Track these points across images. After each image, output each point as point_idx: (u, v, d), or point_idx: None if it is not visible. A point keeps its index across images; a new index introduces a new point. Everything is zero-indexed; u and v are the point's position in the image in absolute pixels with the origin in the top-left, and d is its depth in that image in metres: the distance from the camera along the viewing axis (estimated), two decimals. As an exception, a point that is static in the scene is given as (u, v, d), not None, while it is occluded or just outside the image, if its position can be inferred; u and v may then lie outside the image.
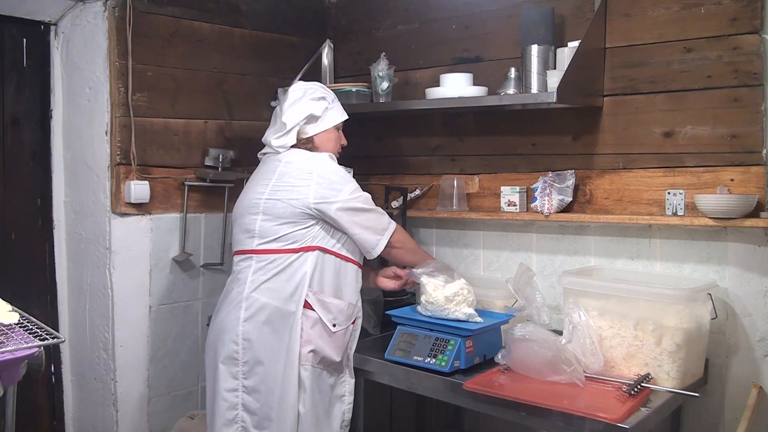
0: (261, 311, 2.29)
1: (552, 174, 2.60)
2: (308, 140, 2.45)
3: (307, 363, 2.28)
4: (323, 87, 2.53)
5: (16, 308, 1.88)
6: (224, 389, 2.29)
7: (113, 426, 2.74)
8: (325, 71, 3.30)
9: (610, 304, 2.18)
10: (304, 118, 2.41)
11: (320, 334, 2.30)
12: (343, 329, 2.35)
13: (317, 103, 2.44)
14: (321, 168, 2.35)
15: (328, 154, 2.44)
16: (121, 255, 2.70)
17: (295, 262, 2.30)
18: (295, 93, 2.46)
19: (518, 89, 2.57)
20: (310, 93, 2.45)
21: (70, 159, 2.83)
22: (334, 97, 2.52)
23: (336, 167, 2.40)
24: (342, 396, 2.39)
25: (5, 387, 1.68)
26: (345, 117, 2.54)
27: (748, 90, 2.22)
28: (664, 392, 2.04)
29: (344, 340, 2.37)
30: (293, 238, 2.31)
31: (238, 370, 2.29)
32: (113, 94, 2.66)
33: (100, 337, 2.76)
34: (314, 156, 2.40)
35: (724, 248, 2.31)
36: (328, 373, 2.34)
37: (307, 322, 2.29)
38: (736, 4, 2.22)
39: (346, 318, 2.36)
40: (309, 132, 2.44)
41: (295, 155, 2.40)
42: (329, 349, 2.32)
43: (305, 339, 2.28)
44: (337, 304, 2.33)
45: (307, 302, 2.29)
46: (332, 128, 2.49)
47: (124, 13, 2.64)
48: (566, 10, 2.61)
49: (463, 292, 2.30)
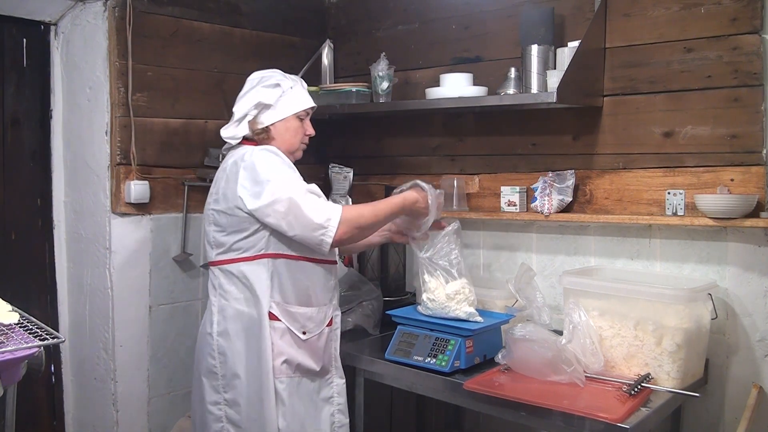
0: (231, 323, 2.21)
1: (552, 174, 2.60)
2: (263, 131, 2.27)
3: (282, 375, 2.18)
4: (284, 74, 2.32)
5: (16, 308, 1.87)
6: (209, 402, 2.26)
7: (113, 426, 2.74)
8: (325, 71, 3.29)
9: (611, 304, 2.18)
10: (252, 107, 2.24)
11: (291, 343, 2.19)
12: (315, 335, 2.23)
13: (270, 91, 2.26)
14: (247, 165, 2.13)
15: (268, 148, 2.20)
16: (121, 255, 2.70)
17: (251, 272, 2.17)
18: (249, 81, 2.31)
19: (518, 89, 2.57)
20: (265, 80, 2.28)
21: (70, 159, 2.83)
22: (294, 84, 2.32)
23: (266, 160, 2.14)
24: (330, 398, 2.30)
25: (5, 387, 1.68)
26: (307, 105, 2.32)
27: (748, 90, 2.22)
28: (665, 392, 2.04)
29: (319, 344, 2.25)
30: (243, 246, 2.17)
31: (219, 384, 2.23)
32: (113, 94, 2.65)
33: (100, 337, 2.76)
34: (247, 150, 2.18)
35: (724, 248, 2.31)
36: (309, 379, 2.25)
37: (276, 333, 2.18)
38: (736, 4, 2.22)
39: (318, 323, 2.24)
40: (264, 121, 2.26)
41: (236, 154, 2.21)
42: (303, 357, 2.21)
43: (276, 351, 2.17)
44: (303, 311, 2.21)
45: (271, 314, 2.17)
46: (291, 117, 2.29)
47: (124, 13, 2.64)
48: (566, 10, 2.61)
49: (465, 291, 2.31)
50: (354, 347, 2.50)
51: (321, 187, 3.35)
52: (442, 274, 2.33)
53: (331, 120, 3.34)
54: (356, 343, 2.55)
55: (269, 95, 2.26)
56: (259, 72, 2.33)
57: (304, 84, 2.38)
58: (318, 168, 3.42)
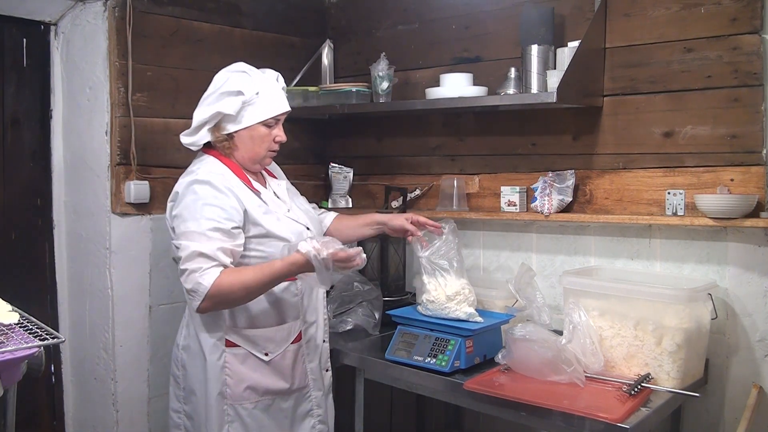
0: (193, 340, 2.17)
1: (552, 174, 2.60)
2: (226, 138, 2.13)
3: (245, 401, 2.11)
4: (249, 76, 2.13)
5: (16, 308, 1.87)
6: (171, 408, 2.28)
7: (113, 426, 2.74)
8: (325, 71, 3.30)
9: (611, 304, 2.18)
10: (210, 117, 2.10)
11: (254, 367, 2.12)
12: (279, 354, 2.15)
13: (230, 100, 2.08)
14: (178, 191, 2.09)
15: (201, 179, 2.06)
16: (121, 255, 2.70)
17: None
18: (214, 82, 2.15)
19: (518, 89, 2.57)
20: (226, 85, 2.10)
21: (70, 159, 2.83)
22: (262, 89, 2.12)
23: (192, 199, 2.03)
24: (309, 411, 2.24)
25: (5, 387, 1.68)
26: (276, 112, 2.14)
27: (748, 90, 2.22)
28: (665, 392, 2.04)
29: (285, 363, 2.16)
30: None
31: (180, 394, 2.23)
32: (113, 94, 2.65)
33: (100, 337, 2.76)
34: (188, 174, 2.11)
35: (724, 248, 2.31)
36: (282, 398, 2.18)
37: (235, 359, 2.11)
38: (736, 4, 2.22)
39: (279, 342, 2.16)
40: (228, 128, 2.12)
41: (190, 173, 2.11)
42: (270, 380, 2.14)
43: (237, 379, 2.10)
44: (262, 333, 2.13)
45: (228, 340, 2.11)
46: (257, 125, 2.13)
47: (124, 13, 2.64)
48: (566, 10, 2.61)
49: (465, 292, 2.31)
50: (354, 347, 2.50)
51: (321, 187, 3.41)
52: (441, 275, 2.33)
53: (331, 120, 3.34)
54: (356, 343, 2.55)
55: (230, 105, 2.08)
56: (226, 71, 2.16)
57: (281, 82, 2.22)
58: (318, 168, 3.42)
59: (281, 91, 2.19)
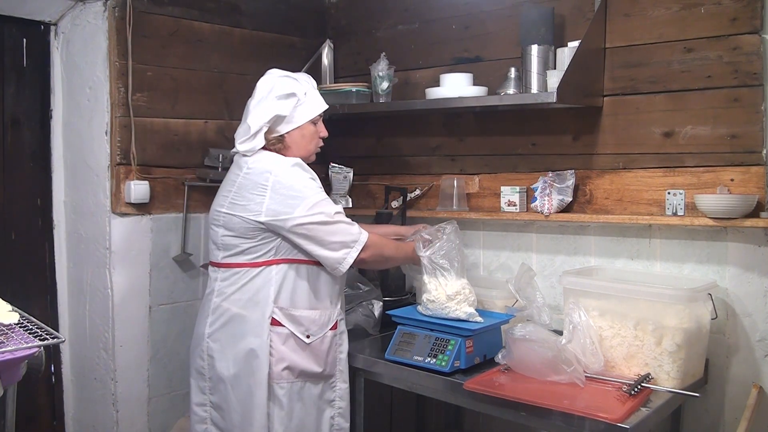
0: (224, 326, 2.22)
1: (552, 174, 2.60)
2: (279, 139, 2.27)
3: (283, 381, 2.20)
4: (294, 79, 2.28)
5: (16, 308, 1.87)
6: (194, 403, 2.30)
7: (113, 426, 2.74)
8: (325, 71, 3.30)
9: (611, 304, 2.18)
10: (269, 120, 2.22)
11: (294, 348, 2.21)
12: (319, 338, 2.25)
13: (285, 102, 2.23)
14: (277, 180, 2.17)
15: (293, 162, 2.22)
16: (121, 255, 2.70)
17: (257, 277, 2.20)
18: (261, 89, 2.26)
19: (518, 89, 2.57)
20: (277, 89, 2.23)
21: (70, 159, 2.83)
22: (307, 89, 2.29)
23: (295, 178, 2.19)
24: (331, 401, 2.32)
25: (5, 387, 1.68)
26: (321, 109, 2.32)
27: (748, 90, 2.22)
28: (665, 392, 2.04)
29: (323, 348, 2.27)
30: (255, 252, 2.19)
31: (205, 385, 2.26)
32: (113, 94, 2.66)
33: (100, 337, 2.76)
34: (276, 164, 2.20)
35: (724, 248, 2.31)
36: (313, 383, 2.26)
37: (278, 338, 2.19)
38: (736, 4, 2.22)
39: (321, 326, 2.27)
40: (280, 131, 2.26)
41: (257, 162, 2.22)
42: (307, 362, 2.23)
43: (278, 357, 2.18)
44: (307, 315, 2.23)
45: (274, 319, 2.19)
46: (307, 124, 2.29)
47: (124, 13, 2.64)
48: (566, 10, 2.61)
49: (465, 292, 2.31)
50: (354, 347, 2.50)
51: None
52: (442, 274, 2.33)
53: (331, 120, 3.31)
54: (356, 343, 2.55)
55: (285, 107, 2.23)
56: (270, 78, 2.28)
57: (314, 82, 2.36)
58: (318, 168, 3.41)
59: (318, 90, 2.36)
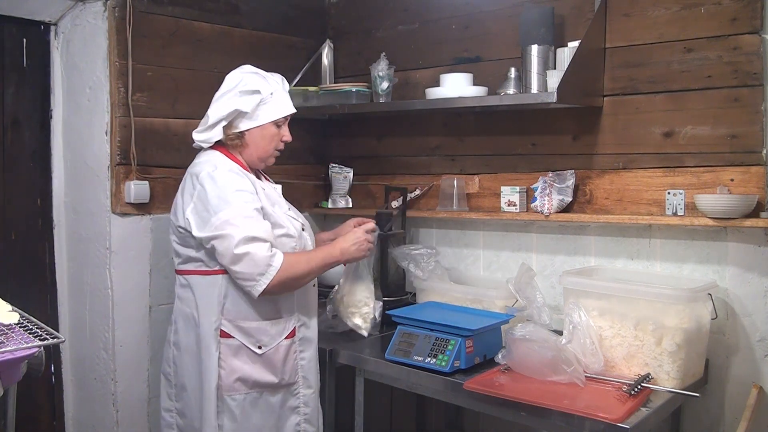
0: (184, 334, 2.22)
1: (552, 174, 2.60)
2: (238, 136, 2.20)
3: (235, 393, 2.15)
4: (263, 77, 2.22)
5: (16, 308, 1.87)
6: (163, 408, 2.31)
7: (113, 426, 2.74)
8: (325, 71, 3.30)
9: (611, 304, 2.18)
10: (228, 114, 2.17)
11: (245, 360, 2.16)
12: (272, 348, 2.18)
13: (248, 98, 2.17)
14: (201, 188, 2.09)
15: (227, 168, 2.14)
16: (121, 255, 2.70)
17: (206, 287, 2.15)
18: (227, 83, 2.21)
19: (518, 89, 2.57)
20: (243, 85, 2.17)
21: (70, 159, 2.83)
22: (275, 89, 2.22)
23: (217, 189, 2.08)
24: (296, 407, 2.26)
25: (5, 387, 1.68)
26: (287, 112, 2.25)
27: (748, 90, 2.22)
28: (664, 392, 2.04)
29: (278, 358, 2.19)
30: (199, 260, 2.15)
31: (172, 392, 2.27)
32: (113, 94, 2.65)
33: (100, 337, 2.76)
34: (208, 169, 2.12)
35: (724, 248, 2.31)
36: (270, 393, 2.21)
37: (228, 350, 2.14)
38: (736, 4, 2.22)
39: (274, 336, 2.19)
40: (240, 127, 2.19)
41: (196, 166, 2.18)
42: (260, 373, 2.17)
43: (229, 369, 2.14)
44: (257, 326, 2.16)
45: (223, 331, 2.14)
46: (269, 124, 2.22)
47: (124, 13, 2.64)
48: (566, 10, 2.61)
49: (364, 303, 2.52)
50: (354, 347, 2.50)
51: (321, 187, 3.41)
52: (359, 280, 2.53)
53: (331, 120, 3.35)
54: (356, 343, 2.55)
55: (247, 103, 2.17)
56: (239, 73, 2.23)
57: (286, 85, 2.31)
58: (318, 168, 3.42)
59: (288, 93, 2.29)
